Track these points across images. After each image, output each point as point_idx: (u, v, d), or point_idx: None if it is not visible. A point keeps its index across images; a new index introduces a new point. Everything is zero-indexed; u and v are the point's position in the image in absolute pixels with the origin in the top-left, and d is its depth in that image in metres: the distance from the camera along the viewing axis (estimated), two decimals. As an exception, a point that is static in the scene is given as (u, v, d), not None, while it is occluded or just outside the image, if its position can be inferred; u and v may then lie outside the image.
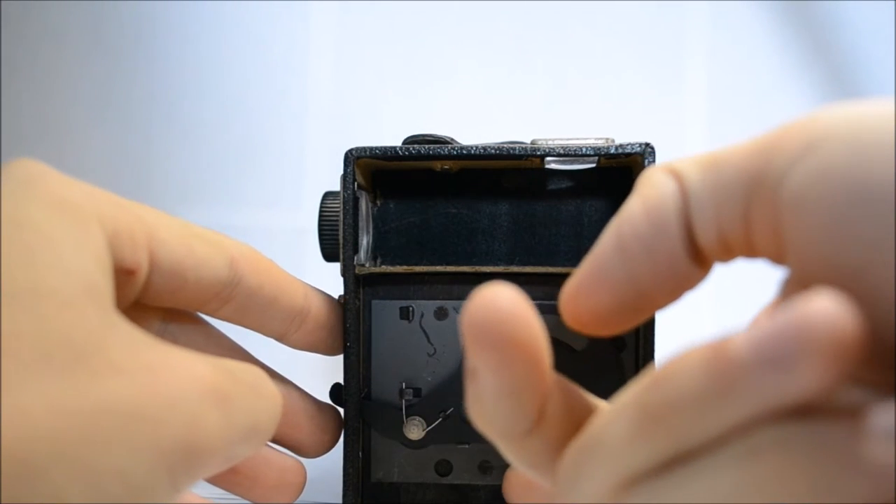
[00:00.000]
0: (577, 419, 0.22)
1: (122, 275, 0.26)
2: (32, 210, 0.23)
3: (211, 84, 0.64)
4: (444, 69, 0.64)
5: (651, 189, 0.22)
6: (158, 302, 0.30)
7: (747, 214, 0.20)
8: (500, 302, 0.19)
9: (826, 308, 0.16)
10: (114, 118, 0.64)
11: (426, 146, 0.37)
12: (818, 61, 0.61)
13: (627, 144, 0.36)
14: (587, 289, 0.22)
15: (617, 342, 0.38)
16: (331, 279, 0.47)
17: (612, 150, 0.36)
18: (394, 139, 0.38)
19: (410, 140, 0.38)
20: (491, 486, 0.38)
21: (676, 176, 0.22)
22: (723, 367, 0.17)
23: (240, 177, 0.63)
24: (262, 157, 0.63)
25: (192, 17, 0.64)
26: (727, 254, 0.21)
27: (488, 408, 0.21)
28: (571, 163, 0.37)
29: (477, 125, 0.62)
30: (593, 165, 0.38)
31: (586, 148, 0.36)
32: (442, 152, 0.37)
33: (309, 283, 0.36)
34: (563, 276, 0.38)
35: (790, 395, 0.16)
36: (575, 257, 0.40)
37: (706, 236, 0.21)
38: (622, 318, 0.22)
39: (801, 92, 0.62)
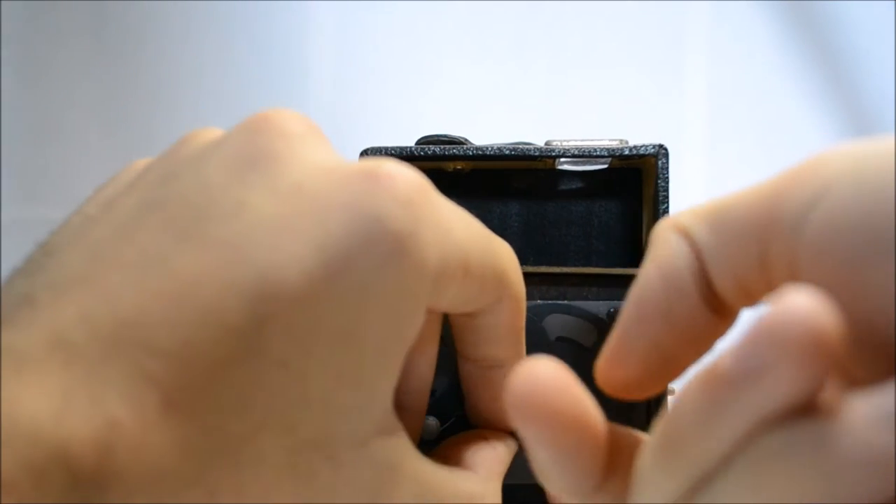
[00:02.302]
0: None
1: None
2: (363, 313, 0.20)
3: (211, 84, 0.64)
4: (443, 69, 0.64)
5: (662, 251, 0.22)
6: None
7: (763, 261, 0.20)
8: (541, 376, 0.19)
9: (796, 305, 0.15)
10: (114, 118, 0.63)
11: (441, 146, 0.37)
12: (818, 61, 0.62)
13: (641, 146, 0.36)
14: (616, 362, 0.22)
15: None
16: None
17: (626, 152, 0.37)
18: (394, 139, 0.39)
19: (424, 140, 0.38)
20: (504, 484, 0.39)
21: (684, 233, 0.21)
22: (714, 386, 0.17)
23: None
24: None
25: (192, 17, 0.63)
26: (749, 299, 0.21)
27: (548, 474, 0.21)
28: (584, 163, 0.38)
29: (476, 125, 0.63)
30: (605, 166, 0.38)
31: (600, 149, 0.37)
32: (457, 153, 0.37)
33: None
34: (574, 276, 0.38)
35: (779, 401, 0.16)
36: (585, 258, 0.40)
37: (725, 288, 0.21)
38: (655, 382, 0.22)
39: (801, 92, 0.62)
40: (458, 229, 0.23)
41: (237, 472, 0.19)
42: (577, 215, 0.40)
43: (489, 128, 0.62)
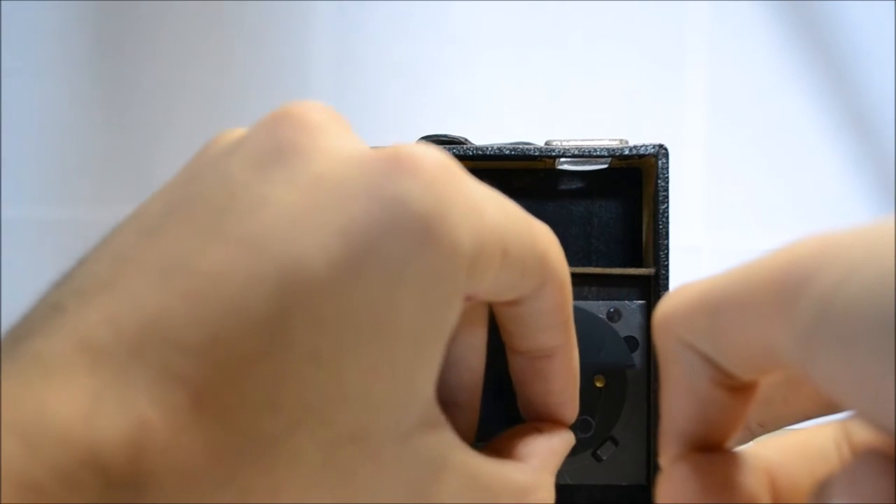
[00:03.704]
0: None
1: None
2: (396, 301, 0.20)
3: (211, 84, 0.64)
4: (443, 69, 0.64)
5: (675, 369, 0.22)
6: None
7: (773, 344, 0.19)
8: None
9: None
10: (114, 118, 0.63)
11: (442, 146, 0.37)
12: (818, 61, 0.62)
13: (641, 146, 0.36)
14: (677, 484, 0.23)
15: (630, 342, 0.38)
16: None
17: (626, 152, 0.37)
18: (394, 139, 0.38)
19: (424, 140, 0.38)
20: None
21: (690, 346, 0.21)
22: None
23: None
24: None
25: (192, 17, 0.63)
26: (773, 370, 0.21)
27: None
28: (584, 163, 0.38)
29: (476, 125, 0.63)
30: (605, 166, 0.38)
31: (600, 149, 0.37)
32: (457, 152, 0.37)
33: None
34: (574, 276, 0.38)
35: None
36: (585, 257, 0.40)
37: (744, 372, 0.21)
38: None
39: (801, 92, 0.62)
40: (491, 210, 0.22)
41: (271, 472, 0.19)
42: (577, 215, 0.40)
43: (489, 128, 0.62)
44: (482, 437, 0.37)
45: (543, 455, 0.28)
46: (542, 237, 0.25)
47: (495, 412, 0.37)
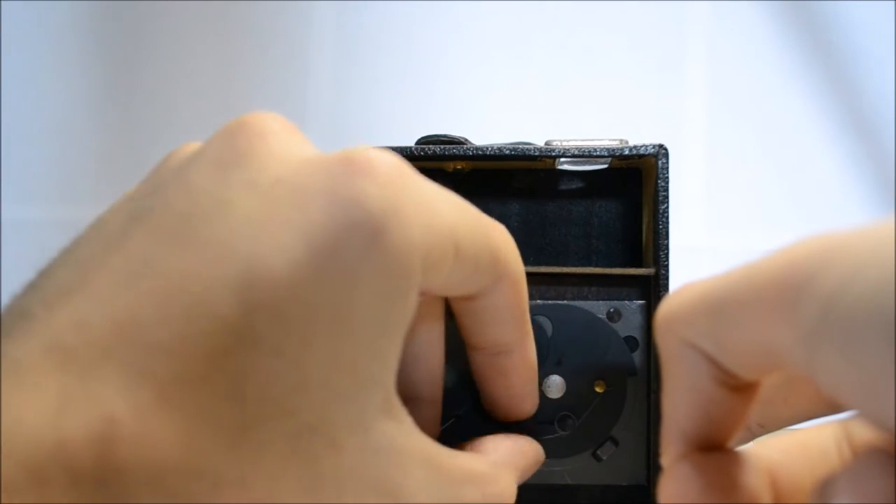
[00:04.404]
0: None
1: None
2: (353, 292, 0.20)
3: (211, 84, 0.64)
4: (443, 69, 0.64)
5: (677, 369, 0.22)
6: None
7: (776, 342, 0.19)
8: None
9: None
10: (114, 118, 0.63)
11: (441, 146, 0.37)
12: (818, 61, 0.62)
13: (641, 146, 0.36)
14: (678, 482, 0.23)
15: (630, 342, 0.38)
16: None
17: (626, 152, 0.37)
18: (394, 139, 0.38)
19: (424, 140, 0.38)
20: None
21: (692, 345, 0.21)
22: None
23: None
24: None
25: (192, 17, 0.63)
26: (775, 370, 0.21)
27: None
28: (584, 163, 0.38)
29: (476, 125, 0.63)
30: (605, 166, 0.38)
31: (600, 149, 0.37)
32: (457, 153, 0.37)
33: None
34: (574, 276, 0.38)
35: None
36: (585, 257, 0.40)
37: (747, 372, 0.21)
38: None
39: (801, 91, 0.62)
40: (444, 208, 0.23)
41: (239, 462, 0.19)
42: (577, 215, 0.40)
43: (489, 128, 0.62)
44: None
45: (506, 451, 0.29)
46: (495, 235, 0.26)
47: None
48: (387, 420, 0.22)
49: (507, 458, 0.29)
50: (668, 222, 0.37)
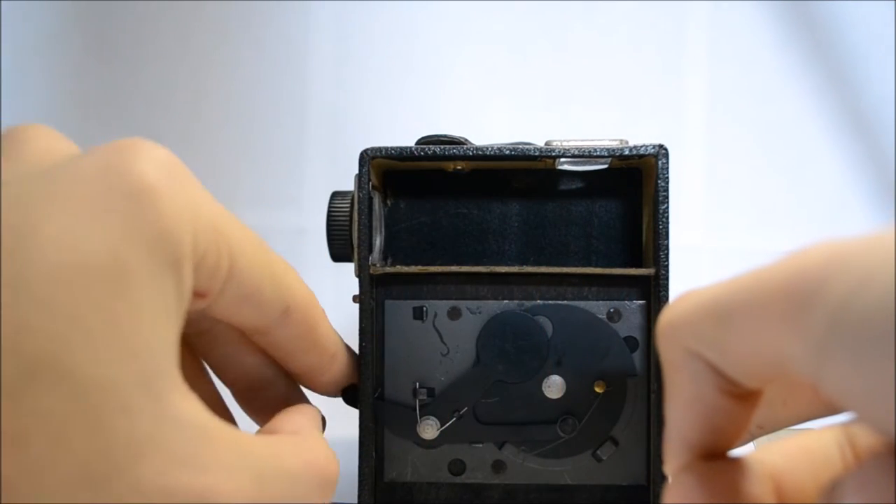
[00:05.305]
0: None
1: (192, 296, 0.25)
2: (127, 252, 0.21)
3: (211, 84, 0.64)
4: (443, 69, 0.64)
5: (680, 378, 0.22)
6: (195, 325, 0.30)
7: (781, 352, 0.19)
8: None
9: None
10: (114, 118, 0.63)
11: (441, 147, 0.37)
12: (818, 61, 0.62)
13: (641, 146, 0.36)
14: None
15: (630, 342, 0.38)
16: (330, 279, 0.47)
17: (626, 152, 0.37)
18: (394, 139, 0.38)
19: (424, 140, 0.38)
20: (504, 485, 0.39)
21: (696, 354, 0.21)
22: None
23: (239, 177, 0.63)
24: (261, 157, 0.63)
25: (192, 17, 0.63)
26: (780, 378, 0.21)
27: None
28: (584, 163, 0.38)
29: (476, 125, 0.63)
30: (605, 166, 0.38)
31: (600, 149, 0.37)
32: (457, 153, 0.37)
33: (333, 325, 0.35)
34: (574, 276, 0.38)
35: None
36: (585, 257, 0.40)
37: (752, 384, 0.21)
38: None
39: (801, 92, 0.62)
40: (214, 208, 0.24)
41: (19, 418, 0.19)
42: (577, 215, 0.40)
43: (489, 128, 0.62)
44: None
45: (300, 418, 0.30)
46: (279, 263, 0.28)
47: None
48: (181, 396, 0.22)
49: (302, 423, 0.30)
50: (668, 222, 0.37)
